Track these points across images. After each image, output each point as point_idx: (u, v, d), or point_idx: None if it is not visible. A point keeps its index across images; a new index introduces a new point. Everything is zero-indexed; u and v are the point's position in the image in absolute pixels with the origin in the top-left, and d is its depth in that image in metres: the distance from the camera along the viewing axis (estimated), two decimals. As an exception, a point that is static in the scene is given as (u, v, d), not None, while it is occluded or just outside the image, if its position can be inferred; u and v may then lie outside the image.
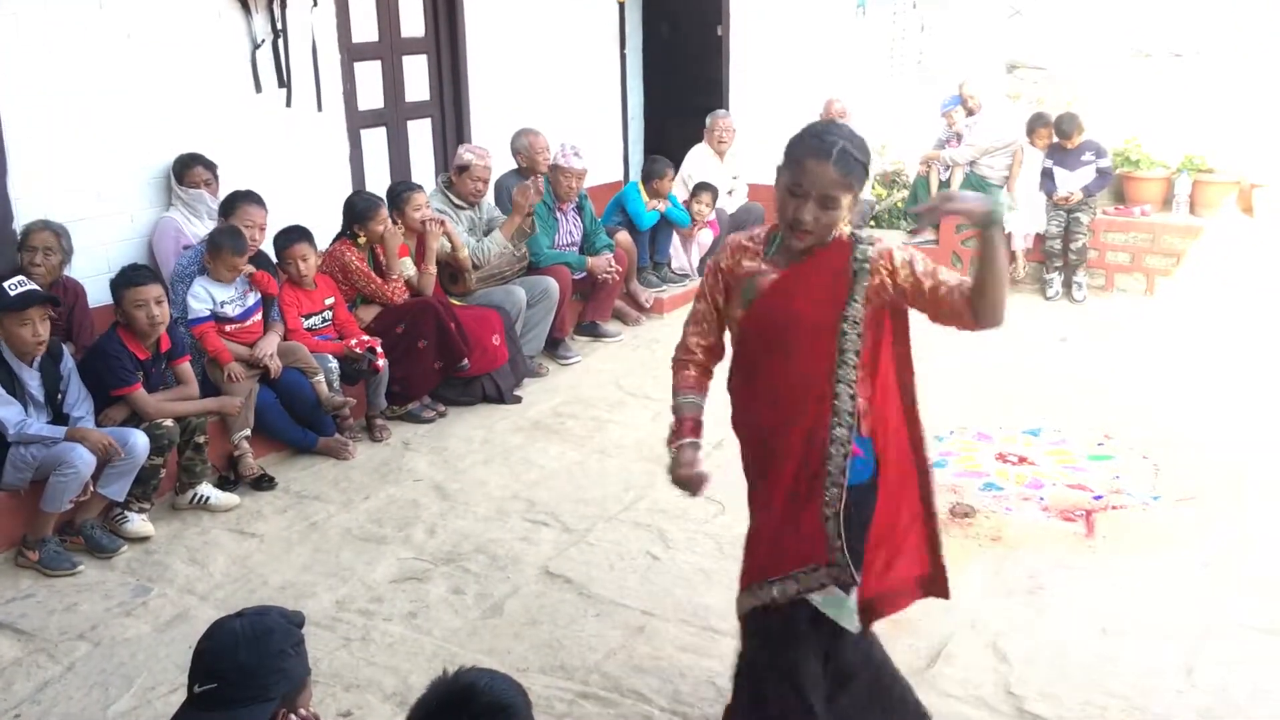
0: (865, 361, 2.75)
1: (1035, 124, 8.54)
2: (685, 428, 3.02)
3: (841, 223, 2.71)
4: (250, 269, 5.41)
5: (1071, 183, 8.19)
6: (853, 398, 2.73)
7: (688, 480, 2.98)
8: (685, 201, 8.27)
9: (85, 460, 4.37)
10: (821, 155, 2.61)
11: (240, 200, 5.56)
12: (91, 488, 4.50)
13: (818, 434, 2.74)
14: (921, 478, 2.92)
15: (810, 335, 2.73)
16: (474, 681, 1.99)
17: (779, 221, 2.75)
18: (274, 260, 5.77)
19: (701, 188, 8.24)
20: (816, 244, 2.73)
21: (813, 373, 2.73)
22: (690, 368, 3.06)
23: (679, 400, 3.04)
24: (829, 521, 2.75)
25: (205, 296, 5.32)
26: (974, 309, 2.69)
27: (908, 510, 2.93)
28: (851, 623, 2.84)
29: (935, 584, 3.03)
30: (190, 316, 5.28)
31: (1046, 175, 8.31)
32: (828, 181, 2.61)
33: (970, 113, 9.03)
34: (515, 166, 7.31)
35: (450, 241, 6.44)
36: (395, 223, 6.13)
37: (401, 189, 6.36)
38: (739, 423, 2.99)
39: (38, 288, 4.49)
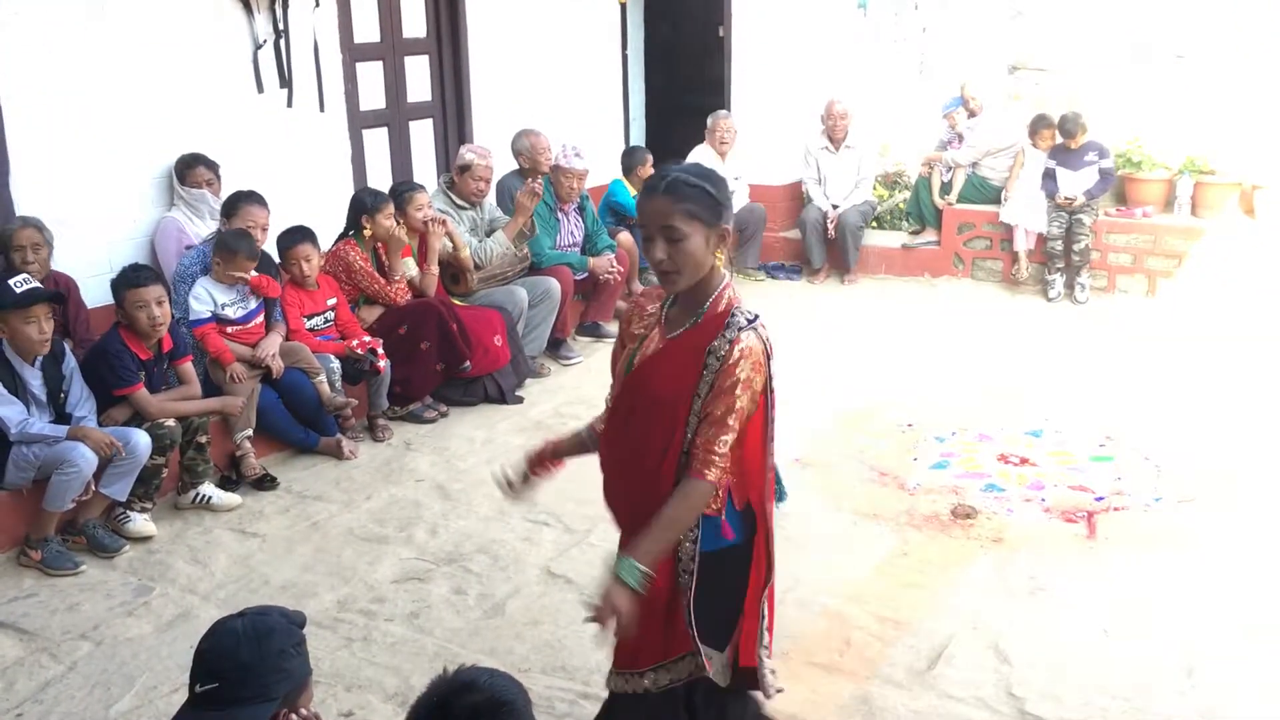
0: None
1: (1038, 125, 8.54)
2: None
3: (706, 262, 2.56)
4: (251, 274, 5.40)
5: (1074, 184, 8.19)
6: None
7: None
8: None
9: (87, 459, 4.37)
10: (651, 190, 2.54)
11: (243, 200, 5.56)
12: (93, 487, 4.50)
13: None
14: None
15: (660, 413, 2.60)
16: (473, 679, 1.98)
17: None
18: (276, 261, 5.77)
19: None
20: (689, 291, 2.59)
21: (659, 452, 2.60)
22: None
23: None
24: (687, 609, 2.66)
25: (207, 298, 5.32)
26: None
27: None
28: (723, 679, 2.77)
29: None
30: (192, 318, 5.28)
31: (1049, 176, 8.30)
32: (662, 212, 2.50)
33: (972, 114, 9.03)
34: (516, 167, 7.32)
35: (452, 241, 6.44)
36: (398, 223, 6.13)
37: (403, 189, 6.36)
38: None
39: (40, 285, 4.50)
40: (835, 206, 8.90)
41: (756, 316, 2.63)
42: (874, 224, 9.30)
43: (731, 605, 2.74)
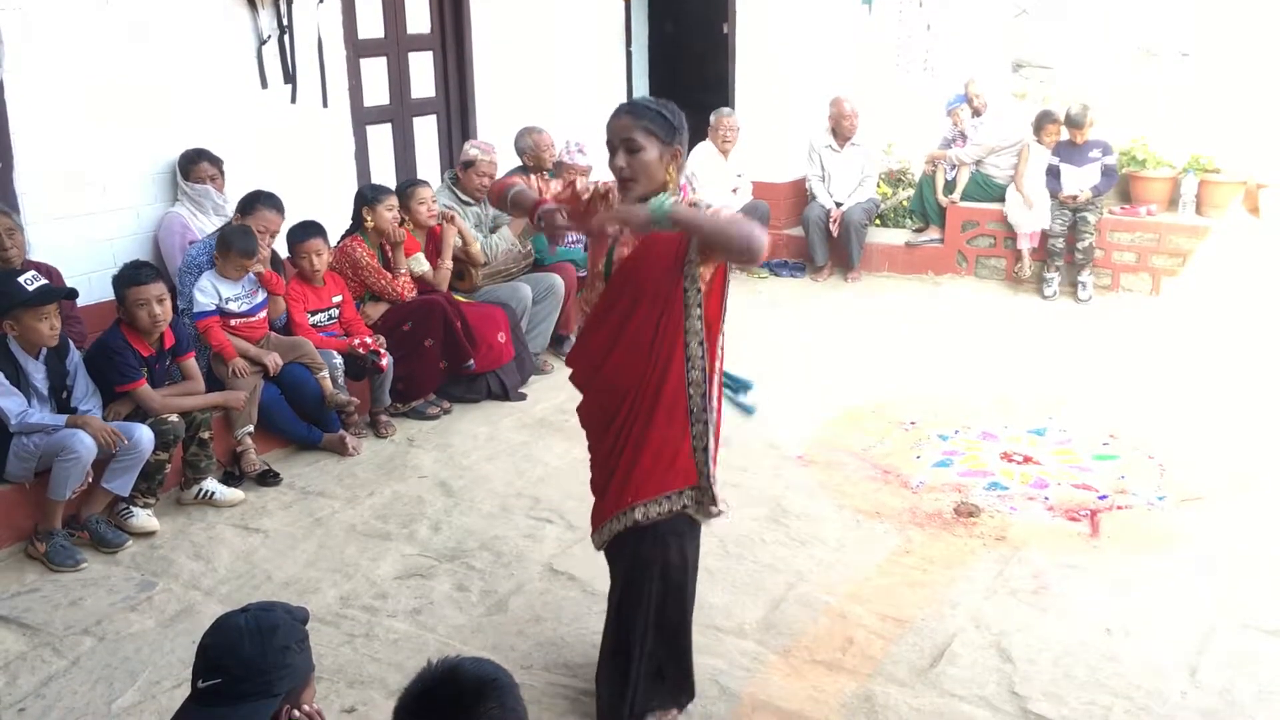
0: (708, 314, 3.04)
1: (1043, 121, 8.52)
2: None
3: (662, 173, 3.00)
4: (260, 269, 5.40)
5: (1078, 180, 8.18)
6: (700, 344, 3.05)
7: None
8: None
9: (86, 445, 4.37)
10: (617, 112, 3.05)
11: (259, 202, 5.52)
12: (91, 476, 4.50)
13: (669, 380, 3.05)
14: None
15: (653, 293, 3.01)
16: (457, 664, 2.03)
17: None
18: (284, 257, 5.77)
19: None
20: (646, 193, 2.97)
21: (661, 326, 3.01)
22: None
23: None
24: (697, 454, 3.12)
25: (211, 291, 5.32)
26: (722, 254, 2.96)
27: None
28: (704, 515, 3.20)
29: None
30: (195, 310, 5.29)
31: (1052, 173, 8.29)
32: (622, 127, 2.99)
33: (976, 112, 9.02)
34: (519, 165, 7.30)
35: (462, 237, 6.44)
36: (402, 220, 6.13)
37: (407, 185, 6.36)
38: (582, 368, 3.26)
39: (49, 282, 4.50)
40: (839, 204, 8.90)
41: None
42: (878, 221, 9.29)
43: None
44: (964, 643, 3.80)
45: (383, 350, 5.81)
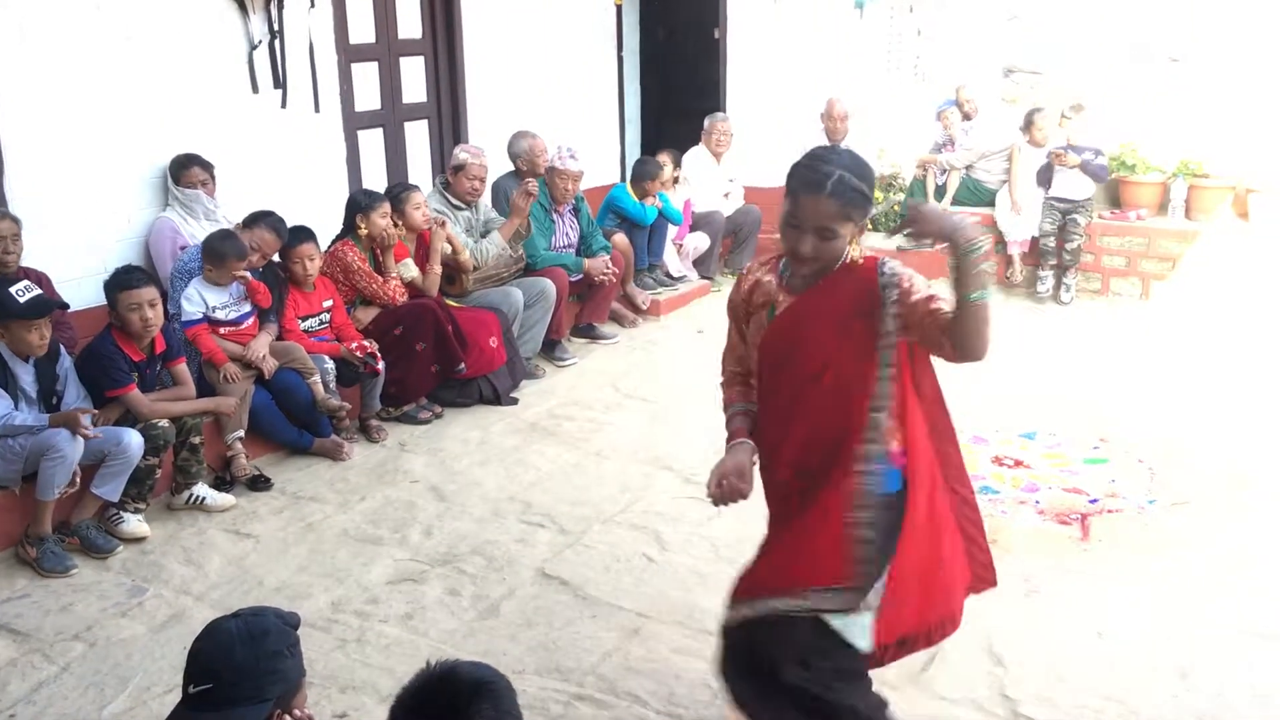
0: (896, 386, 2.72)
1: (1031, 116, 8.56)
2: (736, 432, 2.99)
3: (849, 248, 2.71)
4: (246, 275, 5.38)
5: (1069, 182, 8.23)
6: (886, 417, 2.71)
7: (724, 475, 2.89)
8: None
9: (69, 442, 4.35)
10: (815, 189, 2.58)
11: (261, 221, 5.54)
12: (79, 478, 4.48)
13: (845, 452, 2.70)
14: (961, 507, 2.92)
15: (837, 355, 2.70)
16: (455, 666, 2.04)
17: (784, 248, 2.73)
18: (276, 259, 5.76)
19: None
20: (823, 270, 2.71)
21: (844, 394, 2.70)
22: (735, 383, 3.05)
23: (729, 412, 3.04)
24: (859, 545, 2.71)
25: (199, 300, 5.31)
26: (951, 338, 2.65)
27: (948, 543, 2.88)
28: (864, 640, 2.78)
29: (982, 580, 3.05)
30: (183, 318, 5.27)
31: (1043, 176, 8.32)
32: (823, 215, 2.59)
33: (967, 116, 9.04)
34: (512, 169, 7.31)
35: (451, 244, 6.44)
36: (395, 225, 6.13)
37: (399, 189, 6.36)
38: (762, 451, 2.95)
39: (41, 293, 4.49)
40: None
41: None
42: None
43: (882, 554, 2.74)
44: (955, 646, 3.79)
45: (376, 355, 5.81)
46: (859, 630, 2.76)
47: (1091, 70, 9.90)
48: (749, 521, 4.13)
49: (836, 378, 2.71)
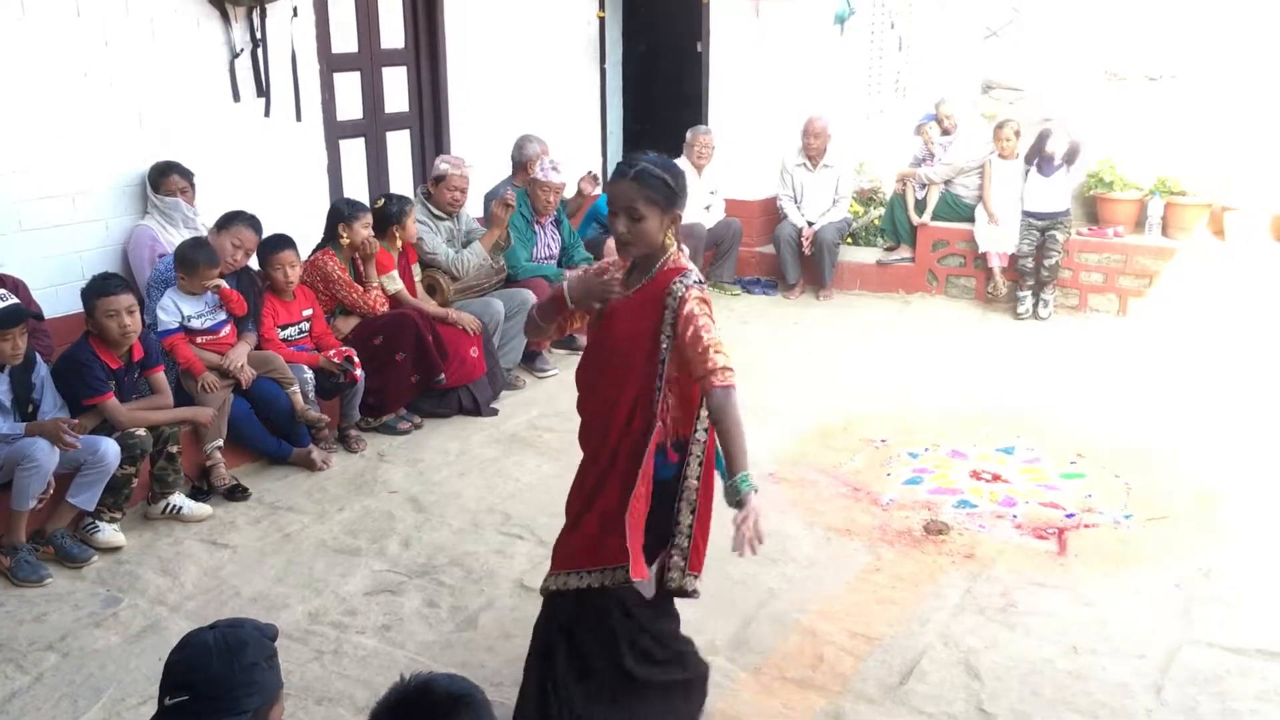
0: (672, 378, 3.07)
1: (995, 130, 8.62)
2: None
3: (660, 238, 3.09)
4: (220, 283, 5.35)
5: (1047, 195, 8.30)
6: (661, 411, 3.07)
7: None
8: None
9: (45, 453, 4.31)
10: (622, 175, 3.07)
11: (238, 220, 5.51)
12: (54, 487, 4.44)
13: (626, 442, 3.09)
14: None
15: (626, 354, 3.09)
16: (431, 679, 2.04)
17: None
18: (255, 268, 5.74)
19: None
20: (642, 258, 3.12)
21: (626, 388, 3.08)
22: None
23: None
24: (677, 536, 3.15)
25: (174, 310, 5.27)
26: (708, 406, 3.02)
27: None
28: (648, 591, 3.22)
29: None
30: (159, 329, 5.24)
31: (1032, 155, 8.41)
32: (628, 195, 3.04)
33: (946, 132, 9.10)
34: (510, 174, 7.32)
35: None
36: (394, 237, 6.17)
37: (404, 204, 6.35)
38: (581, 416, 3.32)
39: (17, 302, 4.46)
40: (810, 224, 8.95)
41: (702, 281, 3.14)
42: (849, 240, 9.35)
43: (666, 526, 3.15)
44: (933, 660, 3.82)
45: (355, 360, 5.79)
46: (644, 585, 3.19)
47: (1069, 87, 10.00)
48: (727, 536, 4.15)
49: (627, 374, 3.09)
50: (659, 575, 3.23)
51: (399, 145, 7.86)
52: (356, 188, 7.37)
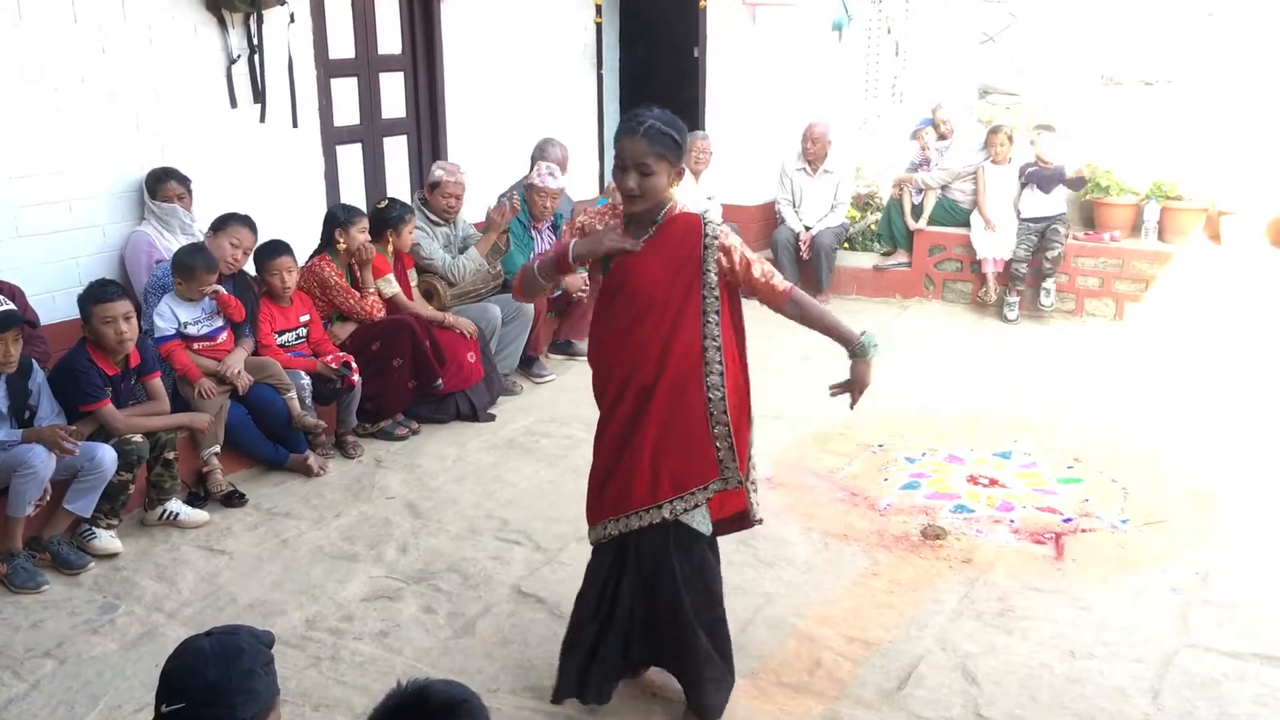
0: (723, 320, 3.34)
1: (988, 135, 8.64)
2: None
3: (665, 193, 3.23)
4: (218, 289, 5.35)
5: (1043, 204, 8.32)
6: (718, 349, 3.31)
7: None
8: None
9: (42, 460, 4.30)
10: (631, 133, 3.18)
11: (234, 220, 5.52)
12: (50, 494, 4.44)
13: (690, 382, 3.27)
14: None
15: (664, 297, 3.24)
16: (428, 685, 2.04)
17: (618, 190, 3.28)
18: (253, 275, 5.74)
19: None
20: (649, 211, 3.25)
21: (671, 326, 3.24)
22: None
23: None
24: (720, 451, 3.34)
25: (170, 316, 5.27)
26: (789, 316, 3.61)
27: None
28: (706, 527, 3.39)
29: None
30: (156, 335, 5.24)
31: (1025, 172, 8.42)
32: (639, 152, 3.15)
33: (942, 137, 9.12)
34: (527, 175, 7.34)
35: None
36: (387, 243, 6.16)
37: (404, 212, 6.35)
38: (599, 368, 3.43)
39: (14, 308, 4.45)
40: (808, 228, 8.96)
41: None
42: (846, 245, 9.36)
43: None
44: (930, 665, 3.83)
45: (353, 365, 5.79)
46: (701, 518, 3.36)
47: (1066, 92, 10.02)
48: (725, 540, 4.17)
49: (666, 313, 3.25)
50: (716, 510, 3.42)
51: (396, 151, 7.86)
52: (353, 193, 7.37)
